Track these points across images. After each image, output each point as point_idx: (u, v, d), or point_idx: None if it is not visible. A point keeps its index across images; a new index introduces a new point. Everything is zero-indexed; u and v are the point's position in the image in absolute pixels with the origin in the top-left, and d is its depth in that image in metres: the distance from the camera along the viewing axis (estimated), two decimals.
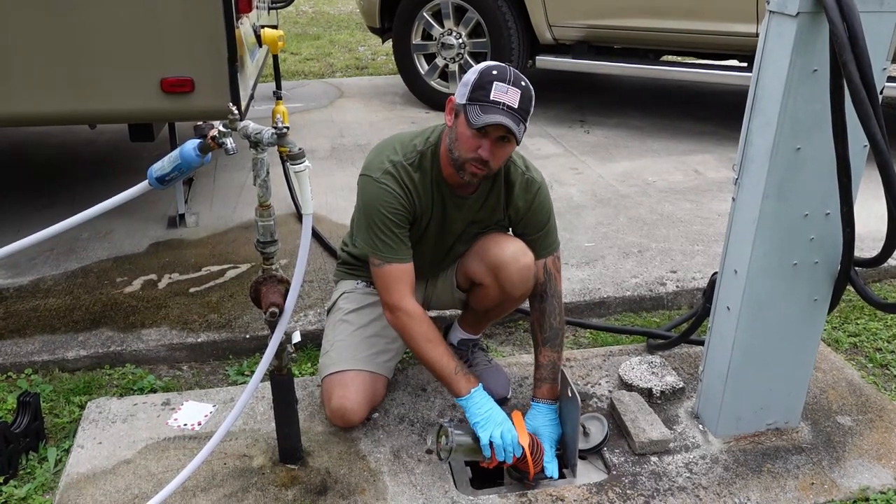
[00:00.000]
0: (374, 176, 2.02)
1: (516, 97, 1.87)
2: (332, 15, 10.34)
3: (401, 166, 2.03)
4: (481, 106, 1.87)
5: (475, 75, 1.91)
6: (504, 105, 1.86)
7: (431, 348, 2.01)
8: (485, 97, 1.87)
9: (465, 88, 1.91)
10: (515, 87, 1.88)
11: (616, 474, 2.03)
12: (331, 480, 1.99)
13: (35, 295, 2.92)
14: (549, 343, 2.15)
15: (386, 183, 2.01)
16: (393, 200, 2.01)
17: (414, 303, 2.04)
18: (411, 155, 2.05)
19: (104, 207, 1.84)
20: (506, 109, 1.86)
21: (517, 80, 1.90)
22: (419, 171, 2.05)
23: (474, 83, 1.90)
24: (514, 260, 2.11)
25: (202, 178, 4.10)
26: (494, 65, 1.92)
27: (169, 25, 2.87)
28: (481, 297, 2.24)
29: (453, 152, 1.97)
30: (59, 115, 3.05)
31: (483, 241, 2.20)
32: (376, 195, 2.02)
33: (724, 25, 4.40)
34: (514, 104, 1.87)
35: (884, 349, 2.68)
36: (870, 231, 2.66)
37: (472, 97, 1.89)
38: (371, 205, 2.02)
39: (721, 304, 2.07)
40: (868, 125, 1.58)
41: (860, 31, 1.57)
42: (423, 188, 2.06)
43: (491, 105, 1.86)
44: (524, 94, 1.89)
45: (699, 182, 4.07)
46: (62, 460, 2.12)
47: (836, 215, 1.86)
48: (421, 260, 2.16)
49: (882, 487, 1.99)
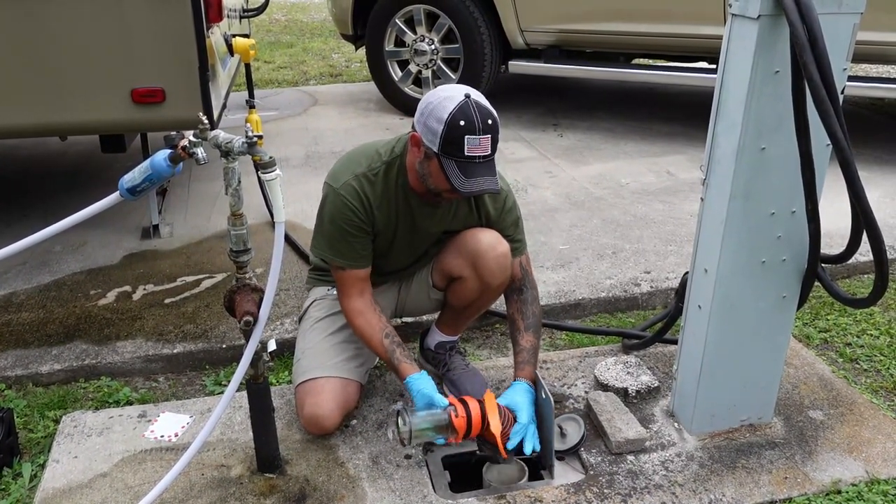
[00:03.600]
0: (336, 187, 2.07)
1: (488, 143, 1.89)
2: (305, 23, 10.33)
3: (364, 178, 2.06)
4: (458, 163, 1.88)
5: (443, 127, 1.86)
6: (480, 158, 1.89)
7: (380, 339, 2.08)
8: (458, 152, 1.87)
9: (434, 137, 1.88)
10: (485, 133, 1.87)
11: (593, 474, 2.04)
12: (310, 488, 1.99)
13: (7, 309, 2.89)
14: (531, 329, 2.18)
15: (345, 195, 2.05)
16: (350, 214, 2.05)
17: (365, 302, 2.12)
18: (376, 166, 2.08)
19: (76, 219, 1.83)
20: (482, 161, 1.90)
21: (484, 120, 1.87)
22: (384, 182, 2.08)
23: (444, 136, 1.86)
24: (491, 248, 2.14)
25: (176, 188, 4.08)
26: (459, 112, 1.85)
27: (139, 35, 2.86)
28: (460, 292, 2.26)
29: (427, 182, 2.00)
30: (30, 127, 3.03)
31: (458, 235, 2.24)
32: (335, 206, 2.06)
33: (692, 28, 4.46)
34: (488, 150, 1.89)
35: (853, 344, 2.72)
36: (839, 228, 2.71)
37: (446, 151, 1.88)
38: (329, 214, 2.08)
39: (693, 303, 2.10)
40: (829, 124, 1.61)
41: (819, 33, 1.60)
42: (387, 198, 2.09)
43: (468, 162, 1.88)
44: (493, 136, 1.89)
45: (671, 183, 4.12)
46: (37, 475, 2.10)
47: (801, 213, 1.89)
48: (395, 264, 2.17)
49: (853, 480, 2.02)
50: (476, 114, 1.87)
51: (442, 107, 1.88)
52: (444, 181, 1.93)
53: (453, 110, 1.86)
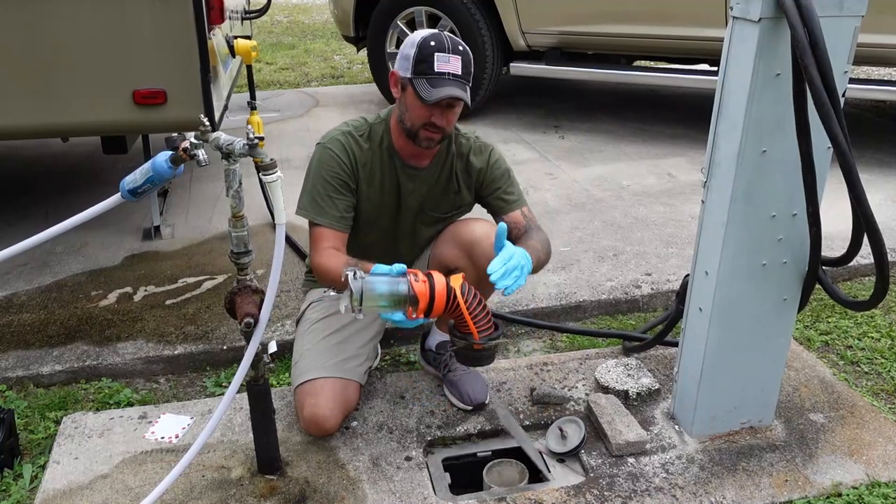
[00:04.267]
0: (324, 143, 2.16)
1: (458, 64, 1.99)
2: (306, 24, 10.34)
3: (350, 136, 2.16)
4: (428, 79, 1.99)
5: (414, 49, 2.00)
6: (449, 75, 1.98)
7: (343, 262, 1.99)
8: (429, 69, 1.98)
9: (407, 63, 2.01)
10: (455, 55, 2.00)
11: (594, 476, 2.04)
12: (310, 490, 1.99)
13: (8, 310, 2.89)
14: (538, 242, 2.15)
15: (331, 148, 2.14)
16: (335, 164, 2.12)
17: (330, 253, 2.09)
18: (362, 127, 2.19)
19: (78, 220, 1.84)
20: (452, 79, 1.99)
21: (455, 46, 2.01)
22: (368, 141, 2.18)
23: (416, 57, 1.99)
24: (485, 236, 2.15)
25: (177, 189, 4.09)
26: (429, 34, 2.02)
27: (141, 37, 2.87)
28: None
29: (405, 122, 2.09)
30: (32, 128, 3.03)
31: (452, 226, 2.29)
32: (321, 159, 2.14)
33: (693, 30, 4.46)
34: (458, 71, 2.00)
35: (854, 346, 2.72)
36: (839, 231, 2.71)
37: (417, 70, 2.00)
38: (315, 168, 2.15)
39: (693, 306, 2.10)
40: (830, 127, 1.62)
41: (820, 36, 1.60)
42: (372, 155, 2.17)
43: (437, 77, 1.98)
44: (464, 59, 2.01)
45: (672, 185, 4.12)
46: (38, 476, 2.10)
47: (802, 216, 1.89)
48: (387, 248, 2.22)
49: (854, 482, 2.02)
50: (447, 39, 2.01)
51: (415, 37, 2.04)
52: (417, 103, 2.01)
53: (425, 35, 2.03)
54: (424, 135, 2.08)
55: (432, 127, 2.06)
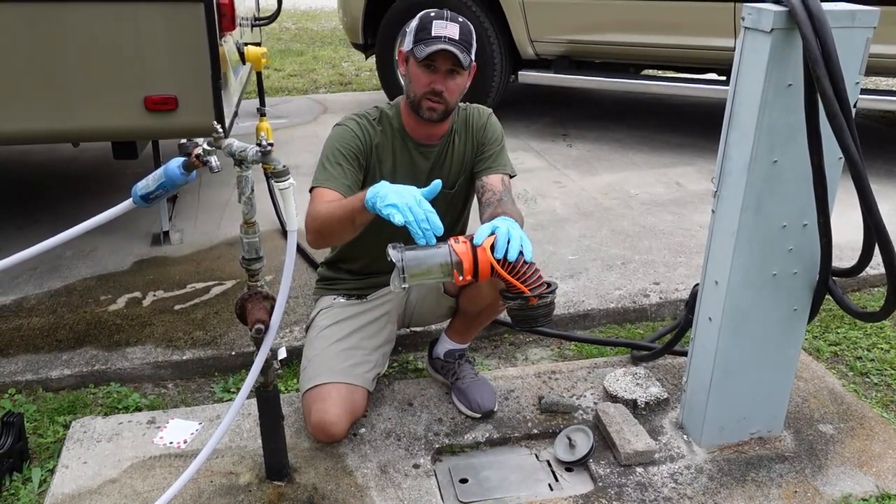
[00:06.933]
0: (340, 122, 2.22)
1: (455, 30, 2.05)
2: (315, 31, 10.37)
3: (365, 117, 2.23)
4: (426, 42, 2.04)
5: (415, 21, 2.08)
6: (445, 37, 2.03)
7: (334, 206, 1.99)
8: (427, 36, 2.04)
9: (410, 36, 2.08)
10: (453, 22, 2.05)
11: (602, 486, 2.04)
12: (318, 497, 1.99)
13: (18, 314, 2.90)
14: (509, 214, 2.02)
15: (347, 125, 2.19)
16: (347, 135, 2.16)
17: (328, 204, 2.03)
18: (374, 113, 2.25)
19: (88, 226, 1.84)
20: (448, 40, 2.03)
21: (454, 17, 2.08)
22: (380, 124, 2.23)
23: (416, 27, 2.07)
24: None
25: (186, 194, 4.10)
26: (432, 11, 2.09)
27: (152, 44, 2.88)
28: (474, 296, 2.26)
29: (409, 95, 2.14)
30: (43, 133, 3.04)
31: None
32: (337, 132, 2.19)
33: (702, 40, 4.46)
34: (455, 36, 2.04)
35: (864, 357, 2.71)
36: (849, 241, 2.70)
37: (416, 39, 2.06)
38: (329, 141, 2.18)
39: (703, 315, 2.10)
40: (842, 138, 1.62)
41: (833, 47, 1.61)
42: (385, 137, 2.21)
43: (433, 39, 2.03)
44: (463, 27, 2.06)
45: (681, 194, 4.12)
46: (47, 481, 2.11)
47: (813, 226, 1.89)
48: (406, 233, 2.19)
49: (864, 494, 2.01)
50: (447, 12, 2.08)
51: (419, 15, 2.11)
52: (417, 70, 2.07)
53: (427, 11, 2.10)
54: (426, 104, 2.10)
55: (433, 95, 2.08)
